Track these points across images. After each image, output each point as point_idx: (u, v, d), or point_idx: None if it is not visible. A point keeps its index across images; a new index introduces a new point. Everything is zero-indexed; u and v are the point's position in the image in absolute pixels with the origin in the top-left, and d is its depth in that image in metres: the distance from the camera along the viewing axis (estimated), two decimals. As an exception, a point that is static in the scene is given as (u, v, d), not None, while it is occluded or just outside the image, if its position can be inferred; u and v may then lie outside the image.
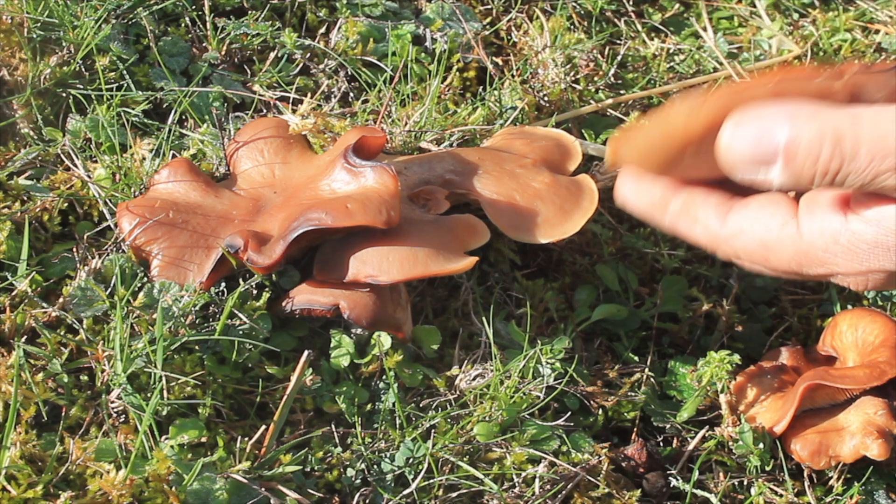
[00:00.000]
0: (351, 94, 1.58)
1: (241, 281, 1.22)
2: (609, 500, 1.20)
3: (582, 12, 1.80)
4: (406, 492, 1.14)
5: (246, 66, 1.59)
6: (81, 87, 1.46)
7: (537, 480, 1.17)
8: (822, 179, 0.98)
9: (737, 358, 1.27)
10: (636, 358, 1.37)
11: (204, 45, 1.59)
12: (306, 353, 1.15)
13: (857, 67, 1.07)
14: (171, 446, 1.11)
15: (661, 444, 1.30)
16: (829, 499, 1.24)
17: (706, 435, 1.28)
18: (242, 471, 1.09)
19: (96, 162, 1.39)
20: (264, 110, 1.53)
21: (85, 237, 1.31)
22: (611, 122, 1.64)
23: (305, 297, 1.21)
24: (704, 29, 1.83)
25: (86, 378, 1.17)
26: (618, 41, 1.80)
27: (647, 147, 1.16)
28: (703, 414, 1.31)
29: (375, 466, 1.17)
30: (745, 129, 1.01)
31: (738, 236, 1.08)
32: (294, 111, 1.46)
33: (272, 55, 1.59)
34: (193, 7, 1.61)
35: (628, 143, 1.16)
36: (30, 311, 1.21)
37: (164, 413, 1.14)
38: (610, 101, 1.65)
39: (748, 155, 1.01)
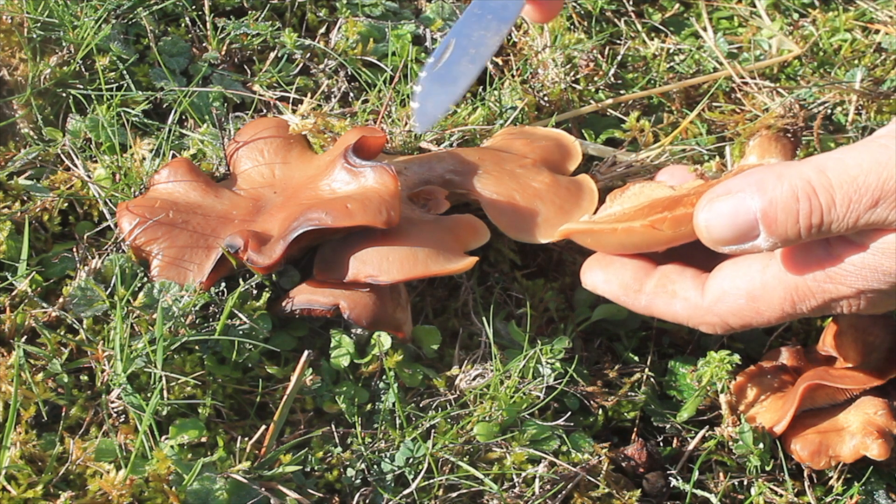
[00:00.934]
0: (351, 94, 1.58)
1: (241, 281, 1.22)
2: (609, 500, 1.20)
3: (582, 12, 1.80)
4: (406, 492, 1.14)
5: (246, 66, 1.59)
6: (81, 87, 1.46)
7: (537, 480, 1.17)
8: (809, 234, 0.98)
9: (737, 358, 1.27)
10: (636, 358, 1.37)
11: (204, 45, 1.59)
12: (306, 353, 1.15)
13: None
14: (171, 446, 1.11)
15: (661, 444, 1.30)
16: (829, 499, 1.24)
17: (706, 435, 1.28)
18: (242, 471, 1.09)
19: (96, 162, 1.39)
20: (264, 110, 1.53)
21: (85, 237, 1.31)
22: (611, 122, 1.64)
23: (305, 297, 1.21)
24: (704, 29, 1.83)
25: (86, 378, 1.17)
26: (618, 41, 1.80)
27: (591, 244, 1.19)
28: (703, 414, 1.31)
29: (375, 466, 1.17)
30: (719, 210, 1.02)
31: (722, 300, 1.08)
32: (294, 111, 1.46)
33: (272, 55, 1.59)
34: (193, 7, 1.61)
35: (574, 237, 1.19)
36: (30, 311, 1.21)
37: (164, 413, 1.14)
38: (610, 101, 1.65)
39: (729, 233, 1.02)
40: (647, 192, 1.24)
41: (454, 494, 1.16)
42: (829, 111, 1.73)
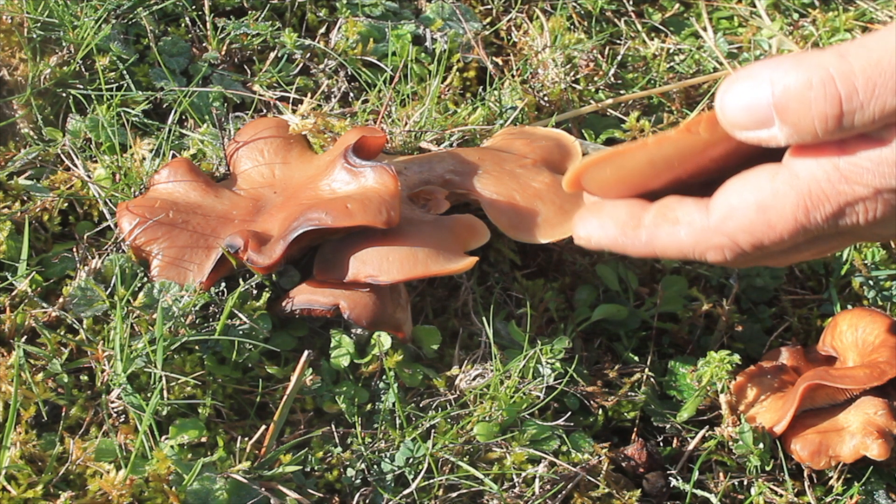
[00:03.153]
0: (351, 94, 1.58)
1: (241, 281, 1.22)
2: (609, 500, 1.20)
3: (582, 12, 1.80)
4: (406, 492, 1.14)
5: (246, 66, 1.59)
6: (81, 87, 1.46)
7: (537, 480, 1.17)
8: (826, 127, 0.91)
9: (737, 358, 1.27)
10: (636, 358, 1.37)
11: (204, 45, 1.59)
12: (306, 353, 1.15)
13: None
14: (171, 446, 1.11)
15: (661, 444, 1.30)
16: (829, 499, 1.24)
17: (706, 435, 1.28)
18: (242, 471, 1.09)
19: (96, 162, 1.39)
20: (264, 110, 1.53)
21: (85, 237, 1.31)
22: (611, 122, 1.64)
23: (305, 297, 1.21)
24: (704, 29, 1.83)
25: (86, 378, 1.17)
26: (618, 41, 1.80)
27: (610, 175, 1.12)
28: (703, 414, 1.31)
29: (375, 466, 1.17)
30: (736, 92, 0.95)
31: (730, 215, 1.00)
32: (294, 111, 1.46)
33: (272, 55, 1.59)
34: (193, 7, 1.61)
35: (590, 172, 1.12)
36: (30, 311, 1.21)
37: (164, 413, 1.14)
38: (610, 101, 1.65)
39: (744, 117, 0.95)
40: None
41: (454, 494, 1.16)
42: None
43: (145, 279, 1.23)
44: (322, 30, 1.66)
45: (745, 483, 1.25)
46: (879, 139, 0.93)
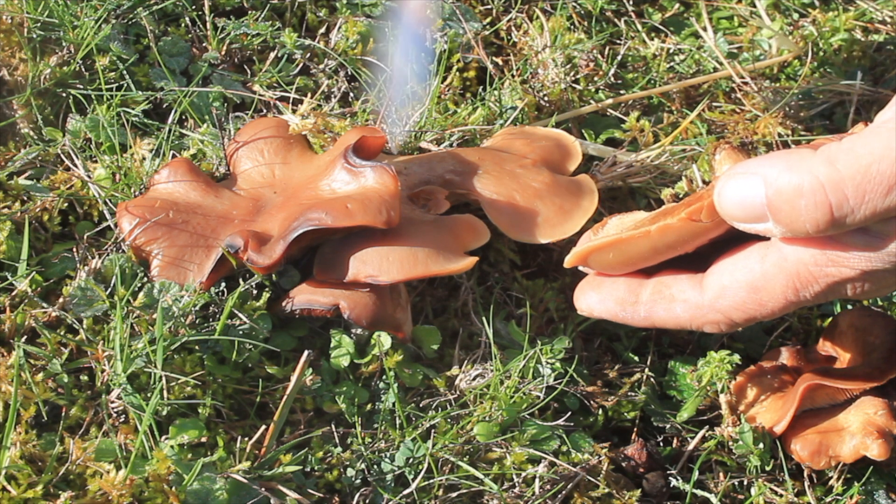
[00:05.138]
0: (351, 94, 1.58)
1: (241, 281, 1.22)
2: (609, 500, 1.20)
3: (582, 12, 1.80)
4: (406, 492, 1.15)
5: (246, 66, 1.59)
6: (81, 87, 1.46)
7: (537, 480, 1.17)
8: (817, 229, 0.95)
9: (737, 358, 1.27)
10: (636, 358, 1.37)
11: (204, 45, 1.59)
12: (306, 353, 1.15)
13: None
14: (171, 446, 1.11)
15: (661, 444, 1.30)
16: (829, 499, 1.24)
17: (706, 435, 1.28)
18: (242, 471, 1.09)
19: (96, 162, 1.39)
20: (264, 110, 1.53)
21: (85, 237, 1.31)
22: (611, 122, 1.64)
23: (305, 297, 1.21)
24: (704, 29, 1.83)
25: (86, 378, 1.17)
26: (618, 41, 1.80)
27: (613, 258, 1.16)
28: (703, 414, 1.31)
29: (375, 466, 1.17)
30: (733, 187, 0.99)
31: (722, 295, 1.05)
32: (294, 111, 1.46)
33: (272, 55, 1.59)
34: (193, 7, 1.61)
35: (594, 256, 1.16)
36: (30, 311, 1.21)
37: (164, 413, 1.14)
38: (610, 101, 1.65)
39: (740, 214, 0.99)
40: (632, 218, 1.21)
41: (454, 494, 1.16)
42: (830, 111, 1.73)
43: (145, 279, 1.23)
44: (322, 30, 1.66)
45: (745, 483, 1.25)
46: (866, 230, 0.96)
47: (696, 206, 1.06)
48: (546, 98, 1.60)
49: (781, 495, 1.23)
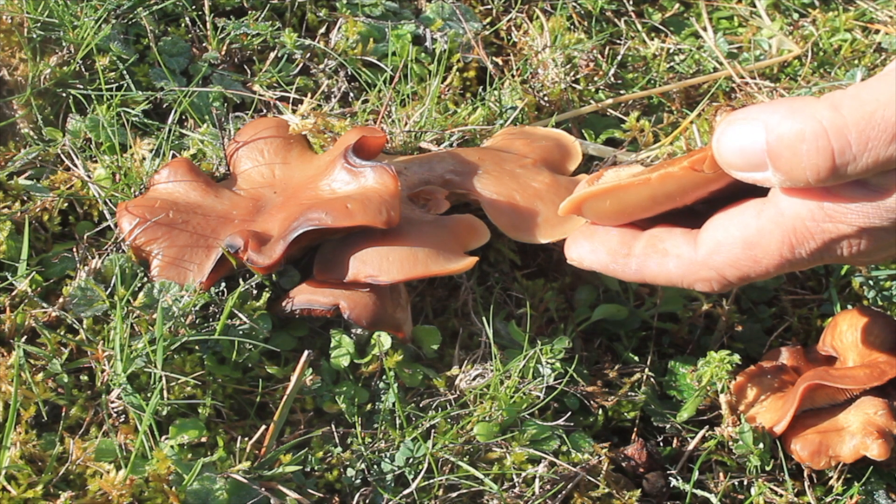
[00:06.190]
0: (351, 94, 1.58)
1: (241, 281, 1.22)
2: (609, 500, 1.20)
3: (582, 12, 1.80)
4: (406, 492, 1.15)
5: (246, 66, 1.59)
6: (81, 87, 1.46)
7: (537, 480, 1.17)
8: (818, 177, 0.93)
9: (737, 358, 1.27)
10: (636, 358, 1.37)
11: (204, 45, 1.59)
12: (306, 353, 1.15)
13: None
14: (171, 446, 1.11)
15: (661, 444, 1.30)
16: (829, 499, 1.24)
17: (706, 435, 1.28)
18: (242, 471, 1.09)
19: (96, 162, 1.39)
20: (264, 110, 1.53)
21: (85, 237, 1.31)
22: (611, 122, 1.64)
23: (305, 297, 1.21)
24: (704, 29, 1.83)
25: (86, 378, 1.17)
26: (618, 41, 1.80)
27: (609, 206, 1.12)
28: (703, 414, 1.31)
29: (375, 466, 1.17)
30: (732, 134, 0.97)
31: (717, 251, 1.03)
32: (294, 111, 1.46)
33: (272, 55, 1.59)
34: (193, 7, 1.61)
35: (590, 202, 1.12)
36: (30, 311, 1.21)
37: (164, 413, 1.14)
38: (610, 101, 1.65)
39: (739, 160, 0.97)
40: (629, 171, 1.15)
41: (454, 494, 1.16)
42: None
43: (145, 279, 1.23)
44: (322, 30, 1.66)
45: (745, 483, 1.25)
46: (865, 183, 0.94)
47: (700, 155, 1.03)
48: (546, 98, 1.60)
49: (781, 495, 1.23)
